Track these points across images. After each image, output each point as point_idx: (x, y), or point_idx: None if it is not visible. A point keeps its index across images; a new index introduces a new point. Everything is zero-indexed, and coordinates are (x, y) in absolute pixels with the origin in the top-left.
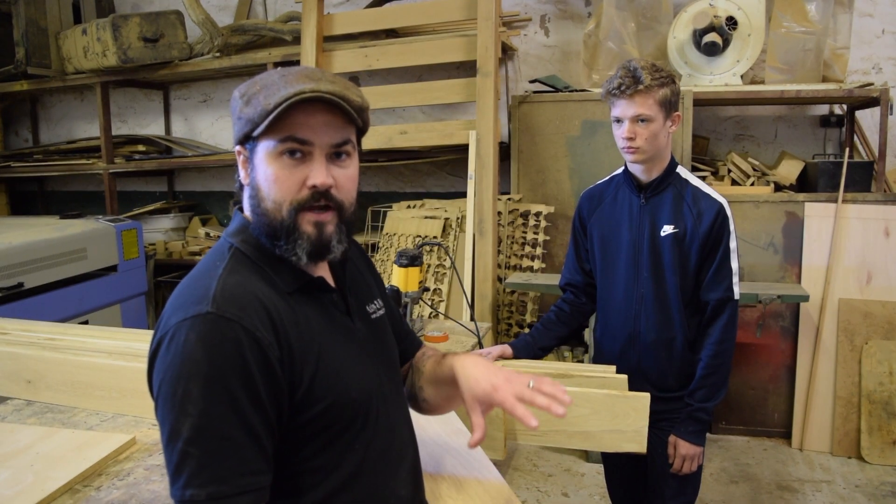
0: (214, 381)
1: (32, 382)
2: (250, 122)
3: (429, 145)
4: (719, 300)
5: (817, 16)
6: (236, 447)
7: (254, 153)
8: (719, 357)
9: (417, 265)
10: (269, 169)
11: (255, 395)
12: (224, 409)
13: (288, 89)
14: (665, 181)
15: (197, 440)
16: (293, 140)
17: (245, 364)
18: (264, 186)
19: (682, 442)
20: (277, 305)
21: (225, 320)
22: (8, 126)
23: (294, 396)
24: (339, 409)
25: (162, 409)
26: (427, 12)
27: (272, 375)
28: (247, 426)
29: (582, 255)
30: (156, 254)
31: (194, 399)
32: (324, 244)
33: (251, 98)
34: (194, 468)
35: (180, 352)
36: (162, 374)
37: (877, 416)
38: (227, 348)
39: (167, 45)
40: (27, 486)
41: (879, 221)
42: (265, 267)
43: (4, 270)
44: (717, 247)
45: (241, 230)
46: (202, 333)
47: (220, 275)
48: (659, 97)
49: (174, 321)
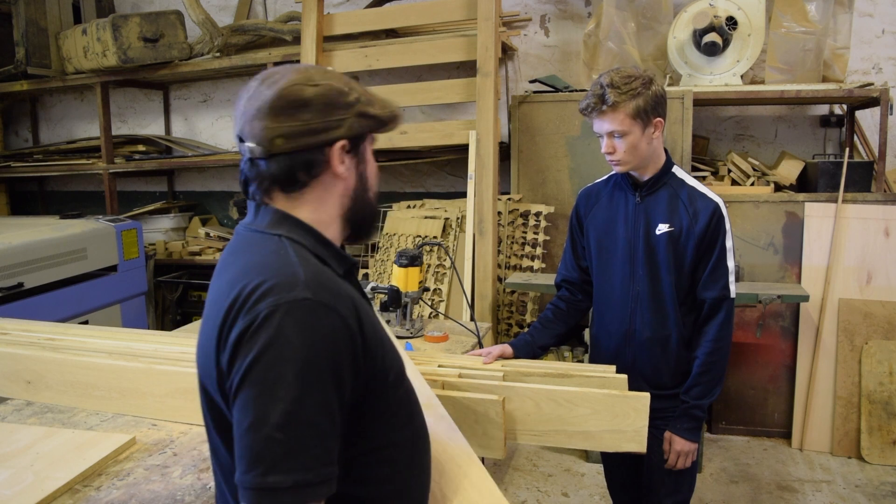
0: (310, 367)
1: (32, 383)
2: (379, 120)
3: (429, 145)
4: (716, 299)
5: (817, 16)
6: (323, 436)
7: (364, 149)
8: (715, 355)
9: (417, 265)
10: (374, 163)
11: (341, 385)
12: (317, 396)
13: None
14: (660, 180)
15: (286, 426)
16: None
17: (338, 351)
18: (372, 179)
19: (676, 438)
20: (353, 293)
21: (322, 306)
22: (8, 126)
23: (373, 377)
24: (397, 383)
25: (247, 394)
26: (427, 12)
27: (356, 363)
28: (332, 415)
29: (579, 252)
30: (156, 254)
31: (288, 384)
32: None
33: (369, 99)
34: (280, 454)
35: (276, 336)
36: (253, 359)
37: (877, 416)
38: (324, 335)
39: (167, 45)
40: (27, 486)
41: (879, 221)
42: (320, 253)
43: (4, 270)
44: (713, 246)
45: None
46: (300, 319)
47: (299, 261)
48: (630, 111)
49: (265, 305)
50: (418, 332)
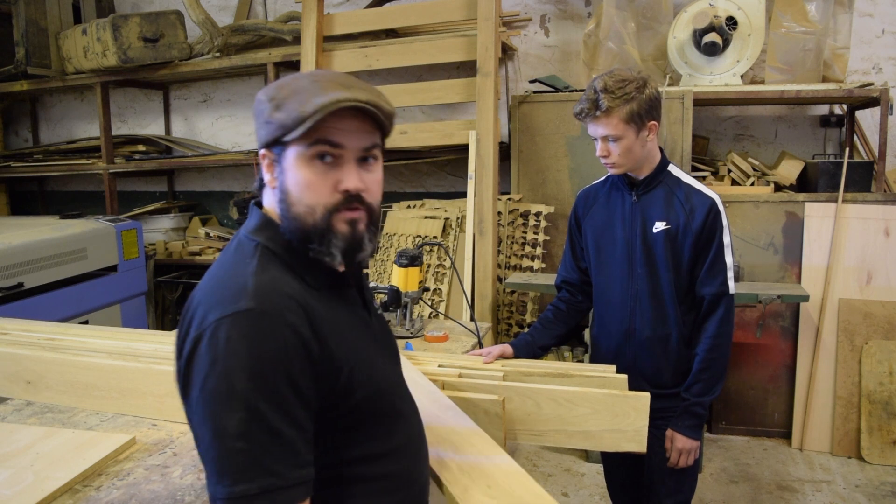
0: (259, 376)
1: (32, 383)
2: (282, 126)
3: (429, 145)
4: (714, 295)
5: (817, 16)
6: (285, 440)
7: (283, 157)
8: (715, 351)
9: (417, 265)
10: (300, 173)
11: (298, 389)
12: (271, 403)
13: (324, 97)
14: (656, 179)
15: (246, 435)
16: (325, 143)
17: (288, 359)
18: (295, 191)
19: (678, 436)
20: (310, 301)
21: (266, 316)
22: (8, 126)
23: (335, 388)
24: (372, 399)
25: (204, 409)
26: (427, 12)
27: (313, 369)
28: (293, 419)
29: (578, 253)
30: (156, 254)
31: (240, 395)
32: (357, 242)
33: (282, 103)
34: (244, 463)
35: (223, 349)
36: (204, 373)
37: (877, 416)
38: (270, 343)
39: (167, 45)
40: (27, 486)
41: (879, 221)
42: (295, 265)
43: (4, 270)
44: (710, 242)
45: (265, 227)
46: (244, 330)
47: (254, 271)
48: (624, 115)
49: (212, 318)
50: (418, 332)
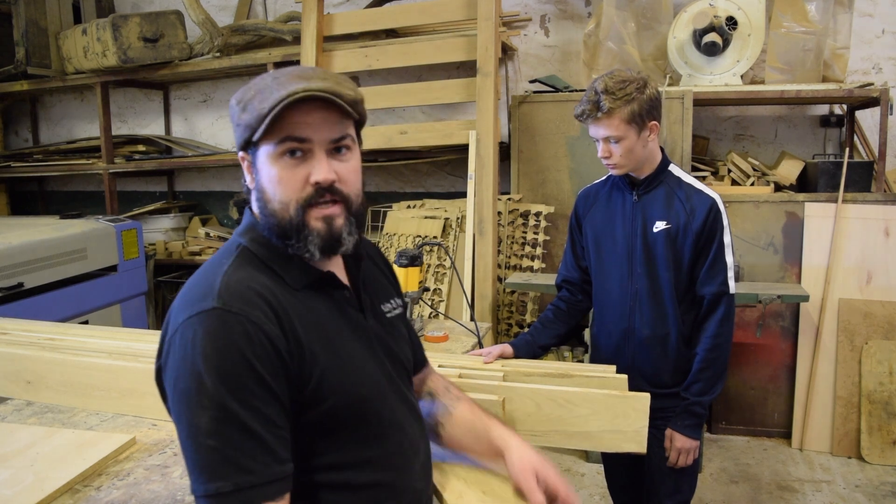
0: (227, 373)
1: (32, 383)
2: (249, 127)
3: (429, 145)
4: (715, 294)
5: (817, 16)
6: (258, 437)
7: (256, 157)
8: (715, 351)
9: (417, 265)
10: (271, 171)
11: (268, 386)
12: (239, 400)
13: (280, 91)
14: (657, 178)
15: (217, 433)
16: (291, 139)
17: (254, 356)
18: (269, 188)
19: (678, 435)
20: (283, 300)
21: (231, 314)
22: (8, 126)
23: (304, 391)
24: (350, 405)
25: (177, 407)
26: (427, 12)
27: (283, 366)
28: (264, 416)
29: (578, 252)
30: (156, 254)
31: (209, 393)
32: (335, 237)
33: (247, 104)
34: (218, 461)
35: (190, 348)
36: (175, 372)
37: (877, 416)
38: (235, 341)
39: (167, 45)
40: (27, 486)
41: (879, 221)
42: (273, 265)
43: (4, 270)
44: (711, 242)
45: (250, 229)
46: (209, 328)
47: (225, 271)
48: (625, 116)
49: (181, 319)
50: (418, 332)
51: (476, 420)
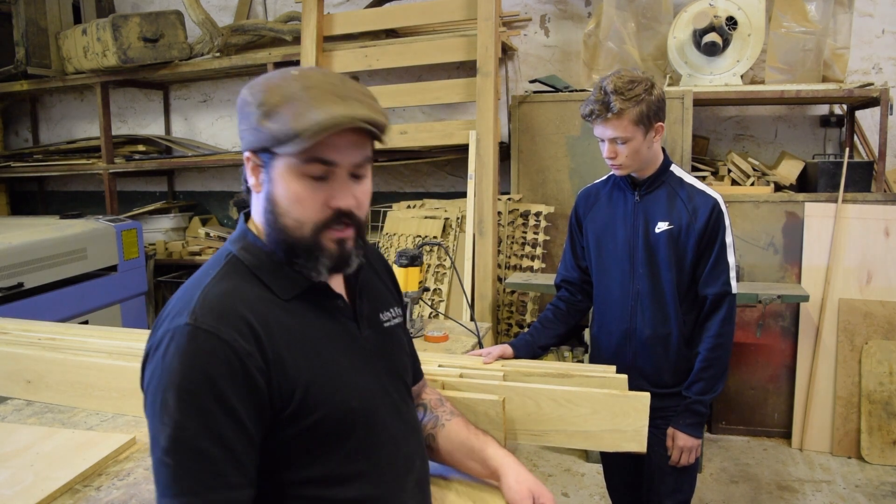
0: (188, 393)
1: (32, 382)
2: (273, 138)
3: (429, 145)
4: (717, 295)
5: (817, 16)
6: (210, 461)
7: (271, 165)
8: (717, 350)
9: (417, 265)
10: (291, 186)
11: (230, 409)
12: (197, 421)
13: (321, 113)
14: (658, 179)
15: (171, 451)
16: (320, 161)
17: (220, 376)
18: (284, 203)
19: (679, 434)
20: (266, 313)
21: (201, 331)
22: (8, 126)
23: (289, 404)
24: (337, 418)
25: (147, 418)
26: (427, 12)
27: (252, 386)
28: (220, 440)
29: (578, 252)
30: (156, 254)
31: (170, 410)
32: (344, 259)
33: (273, 111)
34: (169, 478)
35: (160, 362)
36: (146, 383)
37: (877, 416)
38: (200, 360)
39: (167, 45)
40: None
41: (879, 221)
42: (261, 274)
43: (4, 270)
44: (713, 242)
45: (242, 237)
46: (179, 345)
47: (207, 284)
48: (633, 117)
49: (160, 331)
50: (418, 332)
51: (471, 437)
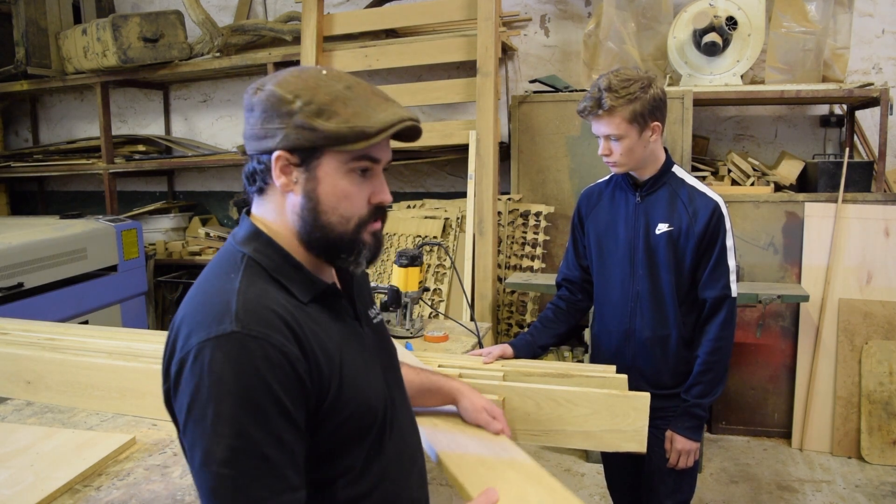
0: (246, 400)
1: (32, 383)
2: (332, 137)
3: (429, 145)
4: (716, 298)
5: (817, 16)
6: (272, 466)
7: (315, 164)
8: (716, 354)
9: (417, 265)
10: (339, 183)
11: (287, 412)
12: (258, 428)
13: (383, 114)
14: (660, 180)
15: (232, 461)
16: (369, 159)
17: (275, 381)
18: (331, 201)
19: (678, 437)
20: (297, 317)
21: (252, 338)
22: (8, 126)
23: (322, 406)
24: (361, 416)
25: (192, 433)
26: (427, 12)
27: (302, 389)
28: (281, 444)
29: (580, 251)
30: (156, 254)
31: (227, 420)
32: (379, 249)
33: (325, 110)
34: (231, 490)
35: (207, 373)
36: (190, 397)
37: (877, 416)
38: (256, 367)
39: (167, 45)
40: (27, 486)
41: (879, 221)
42: (280, 277)
43: (4, 270)
44: (713, 245)
45: (253, 238)
46: (229, 353)
47: (238, 289)
48: (627, 115)
49: (195, 341)
50: (418, 332)
51: (422, 378)
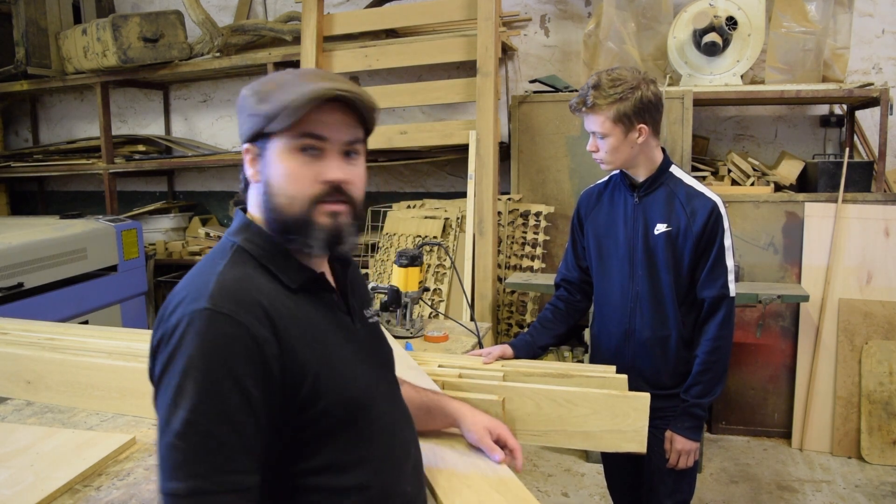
0: (207, 376)
1: (32, 383)
2: (267, 118)
3: (429, 145)
4: (715, 298)
5: (817, 16)
6: (221, 444)
7: (265, 150)
8: (715, 354)
9: (417, 265)
10: (283, 165)
11: (246, 393)
12: (214, 405)
13: (310, 86)
14: (657, 181)
15: (185, 434)
16: (311, 136)
17: (238, 359)
18: (277, 182)
19: (678, 437)
20: (277, 302)
21: (221, 315)
22: (8, 126)
23: (299, 393)
24: (342, 406)
25: (158, 402)
26: (427, 12)
27: (267, 372)
28: (234, 424)
29: (579, 252)
30: (156, 254)
31: (187, 394)
32: (338, 233)
33: (267, 95)
34: (179, 461)
35: (176, 346)
36: (161, 368)
37: (877, 416)
38: (220, 344)
39: (167, 45)
40: (27, 486)
41: (879, 221)
42: (269, 264)
43: (4, 270)
44: (711, 245)
45: (244, 228)
46: (198, 329)
47: (220, 271)
48: (612, 115)
49: (174, 317)
50: (418, 332)
51: (422, 396)
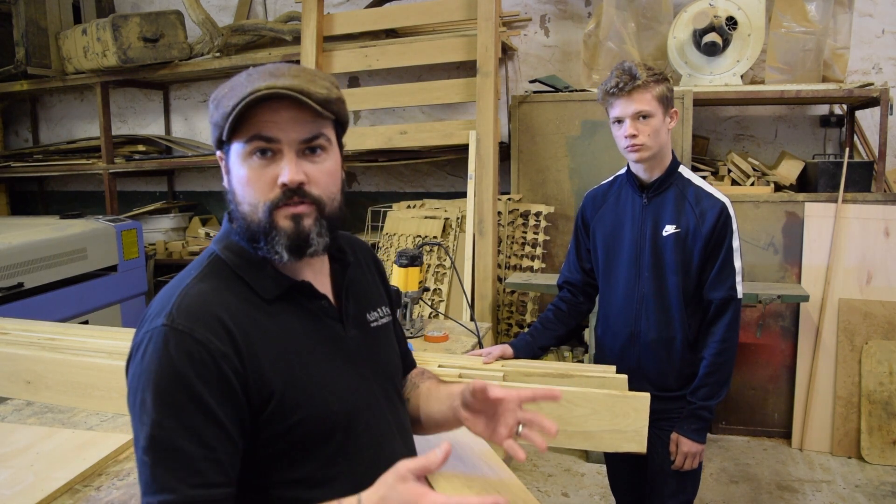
0: (164, 392)
1: (32, 383)
2: (217, 126)
3: (429, 145)
4: (722, 299)
5: (817, 16)
6: (187, 458)
7: (227, 157)
8: (722, 356)
9: (417, 265)
10: (241, 171)
11: (207, 408)
12: (174, 420)
13: (247, 88)
14: (667, 181)
15: (150, 449)
16: (259, 138)
17: (195, 375)
18: (239, 189)
19: (683, 439)
20: (242, 315)
21: (176, 332)
22: (8, 126)
23: (266, 407)
24: (316, 421)
25: (131, 418)
26: (427, 12)
27: (227, 387)
28: (197, 438)
29: (583, 254)
30: (156, 254)
31: (148, 409)
32: (302, 237)
33: (219, 101)
34: (149, 476)
35: (140, 363)
36: (128, 384)
37: (877, 416)
38: (175, 360)
39: (167, 45)
40: (27, 486)
41: (879, 221)
42: (243, 274)
43: (4, 270)
44: (719, 246)
45: (224, 237)
46: (156, 346)
47: (187, 284)
48: (657, 93)
49: (141, 333)
50: (418, 332)
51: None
